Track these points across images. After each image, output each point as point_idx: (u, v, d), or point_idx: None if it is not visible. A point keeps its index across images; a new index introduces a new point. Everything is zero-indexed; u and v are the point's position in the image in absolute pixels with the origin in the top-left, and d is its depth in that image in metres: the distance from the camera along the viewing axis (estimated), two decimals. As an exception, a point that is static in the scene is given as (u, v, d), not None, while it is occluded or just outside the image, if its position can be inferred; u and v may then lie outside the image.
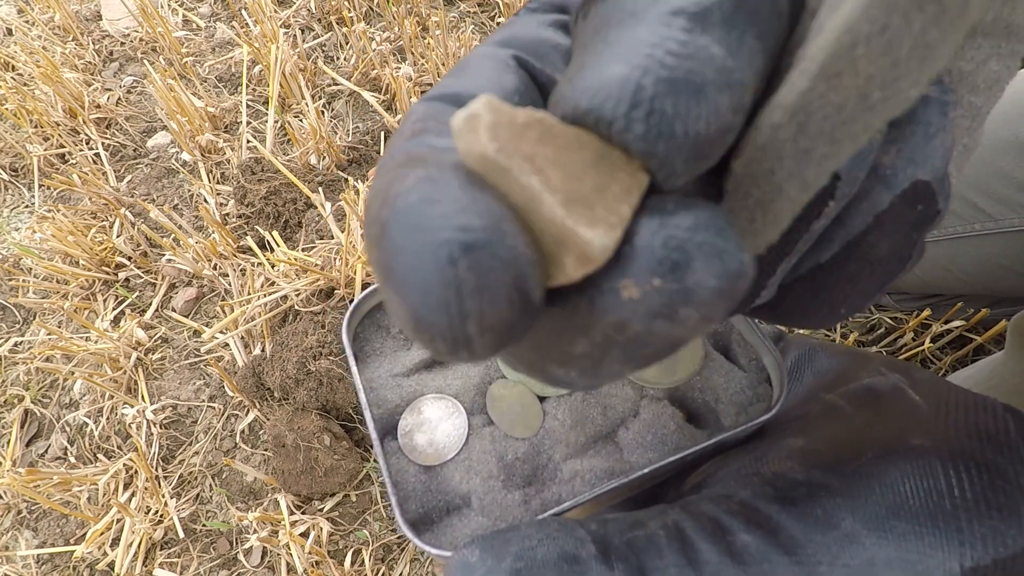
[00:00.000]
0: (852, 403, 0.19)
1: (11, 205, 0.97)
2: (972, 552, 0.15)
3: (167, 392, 0.75)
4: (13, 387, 0.78)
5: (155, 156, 0.98)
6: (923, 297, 0.68)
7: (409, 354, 0.27)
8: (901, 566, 0.15)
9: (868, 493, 0.16)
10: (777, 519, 0.16)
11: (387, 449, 0.24)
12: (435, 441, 0.24)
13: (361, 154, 0.93)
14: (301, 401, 0.66)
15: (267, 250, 0.78)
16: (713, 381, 0.25)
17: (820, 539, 0.16)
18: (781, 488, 0.17)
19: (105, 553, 0.65)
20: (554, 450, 0.24)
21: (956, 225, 0.57)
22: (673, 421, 0.24)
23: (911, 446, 0.17)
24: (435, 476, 0.23)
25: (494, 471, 0.23)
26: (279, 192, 0.84)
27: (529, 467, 0.23)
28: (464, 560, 0.15)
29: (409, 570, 0.63)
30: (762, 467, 0.19)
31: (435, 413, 0.25)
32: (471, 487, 0.23)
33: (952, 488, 0.16)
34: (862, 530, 0.16)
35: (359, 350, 0.27)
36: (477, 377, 0.25)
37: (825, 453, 0.18)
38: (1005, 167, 0.53)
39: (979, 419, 0.17)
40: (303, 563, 0.61)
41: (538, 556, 0.15)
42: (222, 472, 0.70)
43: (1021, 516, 0.16)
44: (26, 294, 0.85)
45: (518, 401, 0.24)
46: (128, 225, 0.87)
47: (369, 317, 0.28)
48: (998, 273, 0.58)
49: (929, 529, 0.16)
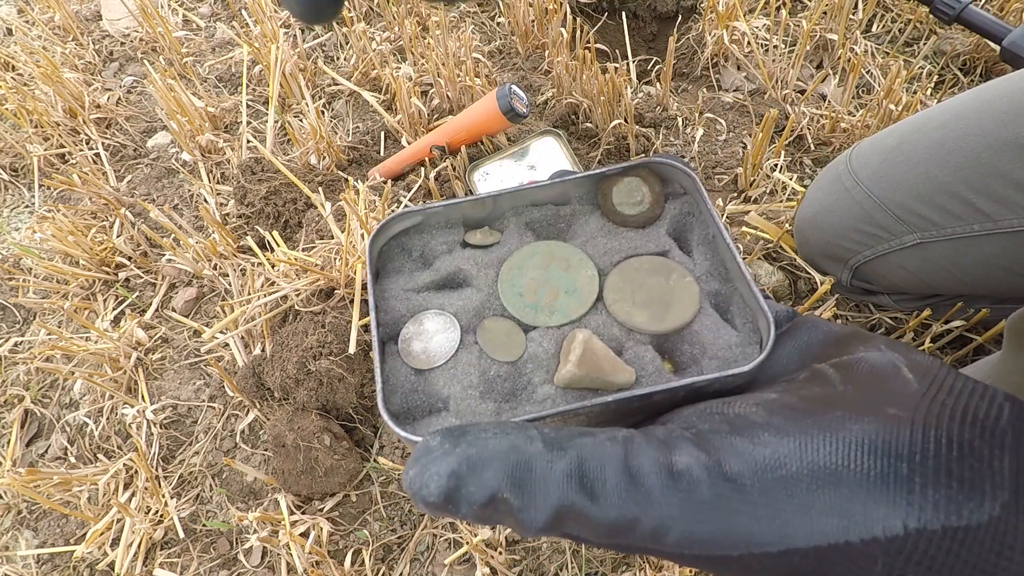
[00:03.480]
0: (841, 371, 0.19)
1: (11, 205, 0.97)
2: (920, 514, 0.15)
3: (167, 392, 0.75)
4: (13, 387, 0.78)
5: (155, 156, 0.98)
6: (923, 297, 0.68)
7: (423, 274, 0.29)
8: (840, 515, 0.16)
9: (822, 444, 0.16)
10: (723, 451, 0.17)
11: (386, 351, 0.27)
12: (429, 349, 0.27)
13: (361, 154, 0.93)
14: (301, 401, 0.66)
15: (267, 250, 0.78)
16: (702, 335, 0.26)
17: (761, 476, 0.16)
18: (737, 427, 0.18)
19: (105, 553, 0.65)
20: (534, 374, 0.26)
21: (956, 226, 0.57)
22: (652, 364, 0.25)
23: (885, 414, 0.17)
24: (423, 379, 0.26)
25: (475, 382, 0.25)
26: (279, 192, 0.84)
27: (509, 385, 0.26)
28: (426, 443, 0.17)
29: (409, 570, 0.63)
30: (727, 408, 0.19)
31: (433, 325, 0.27)
32: (451, 392, 0.25)
33: (914, 455, 0.16)
34: (806, 477, 0.16)
35: (381, 267, 0.30)
36: (477, 302, 0.28)
37: (794, 405, 0.18)
38: (1004, 167, 0.53)
39: (971, 404, 0.17)
40: (303, 563, 0.61)
41: (490, 445, 0.16)
42: (222, 472, 0.70)
43: (985, 495, 0.15)
44: (26, 294, 0.85)
45: (505, 332, 0.27)
46: (128, 225, 0.87)
47: (395, 239, 0.30)
48: (998, 273, 0.58)
49: (878, 485, 0.15)
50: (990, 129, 0.54)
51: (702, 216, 0.29)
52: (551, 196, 0.31)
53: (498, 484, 0.16)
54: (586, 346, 0.24)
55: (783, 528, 0.16)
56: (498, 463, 0.16)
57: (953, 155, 0.56)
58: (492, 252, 0.29)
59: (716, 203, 0.77)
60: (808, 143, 0.90)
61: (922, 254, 0.60)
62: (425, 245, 0.30)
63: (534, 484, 0.16)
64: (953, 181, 0.56)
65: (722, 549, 0.16)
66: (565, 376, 0.24)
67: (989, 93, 0.57)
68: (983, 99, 0.56)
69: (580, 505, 0.16)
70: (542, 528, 0.16)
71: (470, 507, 0.16)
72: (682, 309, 0.27)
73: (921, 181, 0.58)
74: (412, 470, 0.16)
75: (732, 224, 0.81)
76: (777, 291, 0.76)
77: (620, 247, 0.29)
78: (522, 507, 0.16)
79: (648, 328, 0.26)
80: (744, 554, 0.16)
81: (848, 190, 0.64)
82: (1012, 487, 0.15)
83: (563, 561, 0.63)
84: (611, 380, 0.24)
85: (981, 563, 0.15)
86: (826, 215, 0.67)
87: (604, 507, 0.16)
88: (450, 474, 0.16)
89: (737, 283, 0.27)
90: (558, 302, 0.27)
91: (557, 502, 0.16)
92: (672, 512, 0.16)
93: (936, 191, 0.57)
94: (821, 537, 0.16)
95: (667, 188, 0.31)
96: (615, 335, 0.26)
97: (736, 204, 0.84)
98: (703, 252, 0.29)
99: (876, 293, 0.71)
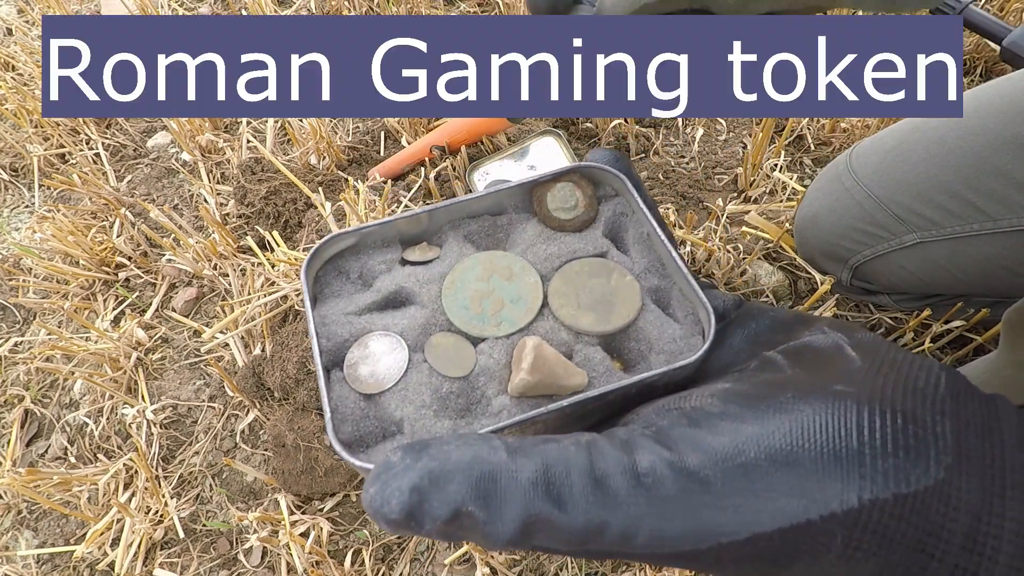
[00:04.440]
0: (788, 357, 0.20)
1: (11, 205, 0.97)
2: (872, 486, 0.16)
3: (167, 392, 0.75)
4: (13, 387, 0.78)
5: (155, 156, 0.98)
6: (923, 297, 0.68)
7: (363, 296, 0.29)
8: (800, 495, 0.16)
9: (776, 428, 0.17)
10: (683, 445, 0.17)
11: (332, 379, 0.26)
12: (376, 372, 0.26)
13: (361, 154, 0.93)
14: (301, 401, 0.66)
15: (267, 250, 0.78)
16: (647, 331, 0.27)
17: (722, 466, 0.17)
18: (695, 419, 0.18)
19: (105, 553, 0.65)
20: (487, 387, 0.25)
21: (955, 225, 0.57)
22: (603, 364, 0.26)
23: (832, 391, 0.17)
24: (373, 404, 0.25)
25: (427, 401, 0.25)
26: (279, 192, 0.84)
27: (463, 400, 0.25)
28: (387, 460, 0.17)
29: (409, 570, 0.63)
30: (683, 403, 0.20)
31: (380, 347, 0.27)
32: (404, 414, 0.25)
33: (862, 428, 0.16)
34: (764, 462, 0.16)
35: (319, 292, 0.29)
36: (423, 319, 0.27)
37: (747, 392, 0.19)
38: (1004, 167, 0.53)
39: (911, 375, 0.18)
40: (303, 563, 0.61)
41: (452, 457, 0.16)
42: (222, 472, 0.70)
43: (929, 460, 0.16)
44: (26, 294, 0.85)
45: (453, 346, 0.27)
46: (128, 225, 0.87)
47: (331, 263, 0.30)
48: (998, 273, 0.58)
49: (831, 462, 0.16)
50: (990, 128, 0.54)
51: (635, 215, 0.30)
52: (486, 207, 0.31)
53: (462, 497, 0.16)
54: (537, 352, 0.24)
55: (747, 514, 0.16)
56: (461, 475, 0.16)
57: (953, 154, 0.56)
58: (433, 267, 0.29)
59: (716, 203, 0.77)
60: (808, 143, 0.90)
61: (922, 254, 0.61)
62: (363, 266, 0.30)
63: (500, 495, 0.16)
64: (953, 180, 0.56)
65: (692, 544, 0.16)
66: (519, 385, 0.24)
67: (989, 93, 0.57)
68: (983, 98, 0.57)
69: (547, 514, 0.16)
70: (509, 540, 0.16)
71: (433, 523, 0.16)
72: (626, 308, 0.27)
73: (921, 180, 0.59)
74: (372, 487, 0.16)
75: (732, 224, 0.81)
76: (777, 291, 0.76)
77: (559, 251, 0.29)
78: (488, 520, 0.16)
79: (595, 329, 0.27)
80: (713, 546, 0.16)
81: (848, 190, 0.64)
82: (954, 450, 0.16)
83: (563, 561, 0.63)
84: (564, 384, 0.24)
85: (929, 525, 0.16)
86: (826, 215, 0.67)
87: (572, 514, 0.16)
88: (412, 489, 0.16)
89: (675, 278, 0.28)
90: (504, 312, 0.27)
91: (524, 512, 0.16)
92: (639, 512, 0.16)
93: (936, 190, 0.58)
94: (784, 518, 0.16)
95: (599, 191, 0.31)
96: (564, 339, 0.27)
97: (736, 204, 0.84)
98: (639, 250, 0.29)
99: (876, 293, 0.71)
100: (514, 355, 0.26)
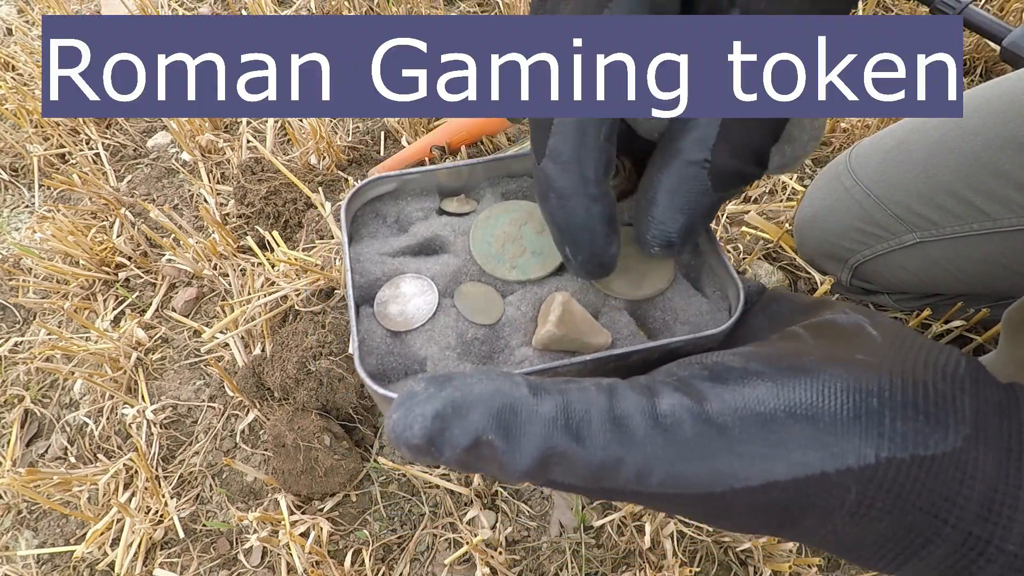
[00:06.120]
0: (810, 331, 0.20)
1: (11, 205, 0.97)
2: (890, 445, 0.16)
3: (167, 392, 0.75)
4: (13, 387, 0.78)
5: (155, 156, 0.98)
6: (923, 297, 0.68)
7: (398, 239, 0.29)
8: (816, 447, 0.16)
9: (796, 384, 0.17)
10: (704, 392, 0.17)
11: (360, 314, 0.27)
12: (406, 312, 0.27)
13: (361, 154, 0.93)
14: (301, 401, 0.66)
15: (267, 250, 0.78)
16: (675, 302, 0.27)
17: (740, 414, 0.17)
18: (716, 372, 0.18)
19: (105, 553, 0.65)
20: (511, 337, 0.26)
21: (955, 225, 0.57)
22: (628, 328, 0.26)
23: (854, 359, 0.18)
24: (399, 341, 0.26)
25: (452, 343, 0.25)
26: (279, 192, 0.84)
27: (487, 348, 0.26)
28: (411, 388, 0.17)
29: (409, 570, 0.63)
30: (705, 359, 0.20)
31: (410, 289, 0.27)
32: (428, 353, 0.25)
33: (883, 391, 0.17)
34: (783, 414, 0.17)
35: (355, 231, 0.30)
36: (454, 267, 0.28)
37: (769, 353, 0.19)
38: (1003, 166, 0.53)
39: (931, 355, 0.18)
40: (303, 563, 0.61)
41: (475, 389, 0.17)
42: (222, 472, 0.70)
43: (948, 428, 0.16)
44: (26, 294, 0.85)
45: (483, 296, 0.27)
46: (128, 225, 0.87)
47: (370, 205, 0.30)
48: (998, 273, 0.58)
49: (850, 418, 0.16)
50: (990, 128, 0.54)
51: None
52: (527, 168, 0.31)
53: (483, 426, 0.16)
54: (565, 307, 0.25)
55: (763, 462, 0.16)
56: (483, 406, 0.16)
57: (952, 154, 0.56)
58: (468, 220, 0.30)
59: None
60: (808, 143, 0.90)
61: (922, 253, 0.61)
62: (400, 211, 0.30)
63: (519, 426, 0.16)
64: (952, 180, 0.56)
65: (706, 486, 0.17)
66: (544, 336, 0.25)
67: (989, 93, 0.57)
68: (983, 98, 0.57)
69: (565, 447, 0.16)
70: (526, 472, 0.16)
71: (453, 450, 0.16)
72: (657, 277, 0.27)
73: (920, 180, 0.59)
74: (396, 413, 0.16)
75: (732, 224, 0.81)
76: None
77: None
78: (506, 449, 0.16)
79: (625, 294, 0.27)
80: (727, 490, 0.17)
81: (848, 190, 0.64)
82: (973, 424, 0.16)
83: (563, 561, 0.63)
84: (588, 341, 0.25)
85: (944, 490, 0.16)
86: (826, 215, 0.67)
87: (589, 448, 0.16)
88: (435, 415, 0.16)
89: (708, 256, 0.28)
90: (521, 260, 0.28)
91: (543, 443, 0.16)
92: (656, 452, 0.16)
93: (935, 190, 0.58)
94: (800, 469, 0.16)
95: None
96: (591, 300, 0.27)
97: (736, 204, 0.84)
98: None
99: (876, 293, 0.71)
100: (541, 309, 0.26)
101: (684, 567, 0.60)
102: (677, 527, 0.61)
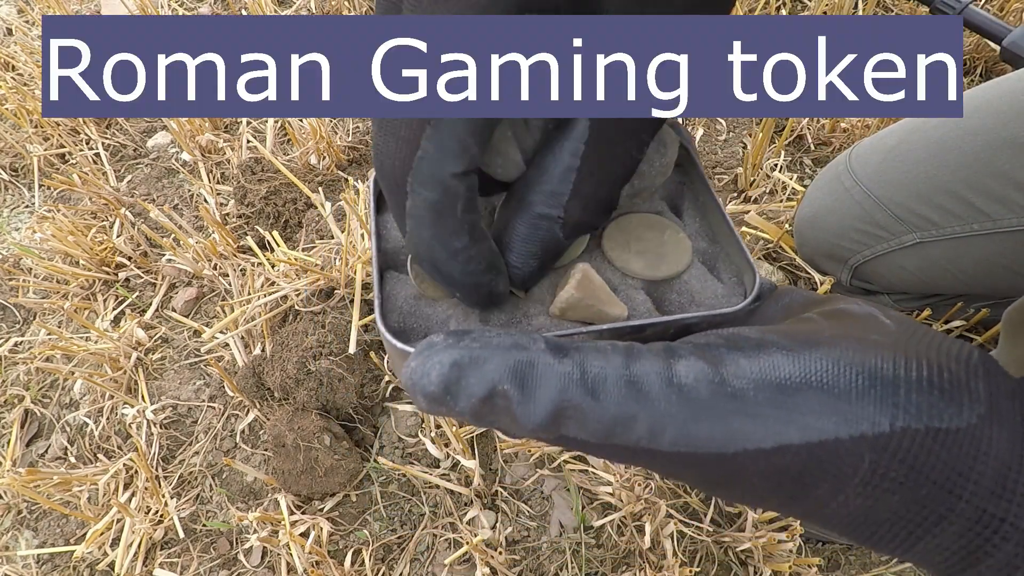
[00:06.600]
0: (824, 315, 0.21)
1: (11, 205, 0.97)
2: (905, 415, 0.16)
3: (167, 392, 0.75)
4: (13, 387, 0.78)
5: (155, 156, 0.98)
6: (923, 297, 0.68)
7: None
8: (831, 412, 0.16)
9: (812, 354, 0.17)
10: (721, 357, 0.18)
11: (385, 277, 0.27)
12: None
13: (361, 154, 0.93)
14: (301, 401, 0.66)
15: (267, 250, 0.78)
16: (691, 285, 0.28)
17: (756, 379, 0.17)
18: (733, 341, 0.19)
19: (105, 553, 0.65)
20: (530, 307, 0.27)
21: (955, 225, 0.57)
22: (644, 306, 0.27)
23: (869, 339, 0.18)
24: (423, 302, 0.26)
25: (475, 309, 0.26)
26: (279, 192, 0.84)
27: (506, 316, 0.27)
28: (430, 340, 0.17)
29: (409, 570, 0.63)
30: (723, 331, 0.20)
31: None
32: (451, 315, 0.26)
33: (898, 366, 0.17)
34: (798, 380, 0.17)
35: (383, 202, 0.30)
36: None
37: (784, 329, 0.19)
38: (1003, 167, 0.53)
39: (944, 343, 0.18)
40: (303, 563, 0.61)
41: (493, 342, 0.17)
42: (222, 472, 0.70)
43: (963, 405, 0.16)
44: (26, 294, 0.85)
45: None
46: (128, 225, 0.87)
47: None
48: (998, 273, 0.58)
49: (866, 389, 0.16)
50: (990, 128, 0.54)
51: (695, 184, 0.31)
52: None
53: (499, 376, 0.16)
54: (584, 273, 0.25)
55: (777, 425, 0.16)
56: (500, 358, 0.17)
57: (952, 155, 0.56)
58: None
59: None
60: (808, 143, 0.90)
61: (922, 253, 0.61)
62: None
63: (535, 379, 0.17)
64: (952, 180, 0.56)
65: (718, 446, 0.17)
66: (563, 299, 0.25)
67: (989, 93, 0.57)
68: (983, 99, 0.57)
69: (579, 401, 0.16)
70: (539, 425, 0.17)
71: (468, 400, 0.16)
72: (676, 260, 0.28)
73: (920, 181, 0.59)
74: (414, 361, 0.17)
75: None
76: (777, 291, 0.76)
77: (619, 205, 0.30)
78: (521, 400, 0.16)
79: (643, 274, 0.28)
80: (739, 451, 0.17)
81: (848, 190, 0.64)
82: (987, 404, 0.16)
83: (563, 561, 0.63)
84: (605, 311, 0.25)
85: (959, 464, 0.16)
86: (826, 215, 0.67)
87: (604, 403, 0.17)
88: (452, 364, 0.16)
89: (724, 244, 0.29)
90: None
91: (558, 396, 0.16)
92: (670, 411, 0.17)
93: (935, 191, 0.58)
94: (814, 433, 0.16)
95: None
96: (609, 278, 0.27)
97: (736, 204, 0.84)
98: (692, 215, 0.31)
99: (876, 293, 0.71)
100: (560, 282, 0.27)
101: (684, 567, 0.60)
102: (677, 527, 0.61)
